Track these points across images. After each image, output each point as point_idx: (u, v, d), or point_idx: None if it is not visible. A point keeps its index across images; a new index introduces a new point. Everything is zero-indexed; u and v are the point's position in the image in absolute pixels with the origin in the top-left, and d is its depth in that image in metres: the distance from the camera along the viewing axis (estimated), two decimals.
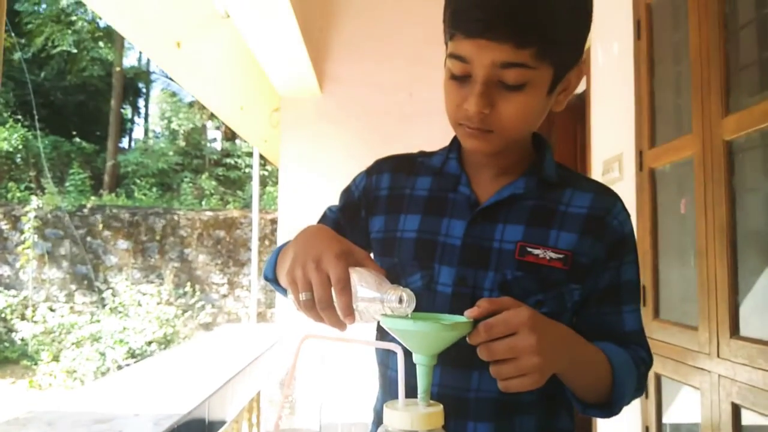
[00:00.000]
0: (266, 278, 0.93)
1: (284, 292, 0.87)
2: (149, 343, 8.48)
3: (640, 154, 2.37)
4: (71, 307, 9.43)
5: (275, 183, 11.48)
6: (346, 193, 1.01)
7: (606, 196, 0.90)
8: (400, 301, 0.64)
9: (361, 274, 0.67)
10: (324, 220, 1.00)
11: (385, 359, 0.93)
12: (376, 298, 0.65)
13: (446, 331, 0.65)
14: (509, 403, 0.84)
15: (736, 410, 1.71)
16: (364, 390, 3.31)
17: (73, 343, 8.54)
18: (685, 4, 2.03)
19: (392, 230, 0.92)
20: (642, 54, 2.37)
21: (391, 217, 0.93)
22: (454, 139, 0.95)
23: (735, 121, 1.74)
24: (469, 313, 0.69)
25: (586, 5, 0.79)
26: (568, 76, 0.83)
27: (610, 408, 0.82)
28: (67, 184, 11.88)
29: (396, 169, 0.98)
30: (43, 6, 14.11)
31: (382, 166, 0.99)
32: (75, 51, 14.15)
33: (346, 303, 0.65)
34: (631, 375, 0.83)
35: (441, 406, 0.64)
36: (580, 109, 3.08)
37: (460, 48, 0.76)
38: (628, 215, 0.91)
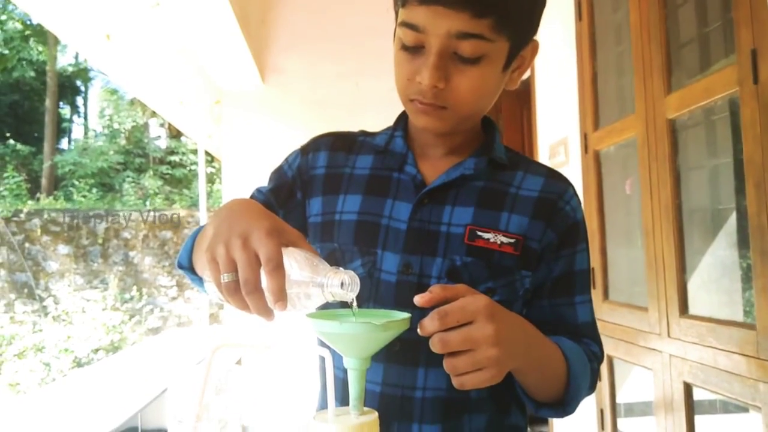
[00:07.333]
0: (180, 266, 0.82)
1: (199, 282, 0.76)
2: (96, 351, 8.19)
3: (584, 137, 2.36)
4: (11, 317, 9.00)
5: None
6: (278, 172, 0.92)
7: (558, 180, 0.85)
8: (342, 285, 0.56)
9: (294, 255, 0.58)
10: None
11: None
12: (314, 282, 0.56)
13: (378, 331, 0.57)
14: (458, 401, 0.78)
15: (687, 389, 1.71)
16: (295, 397, 3.18)
17: (15, 355, 8.16)
18: None
19: (330, 212, 0.85)
20: (584, 36, 2.36)
21: (329, 199, 0.86)
22: (400, 117, 0.89)
23: (677, 99, 1.73)
24: (420, 300, 0.62)
25: None
26: (523, 52, 0.78)
27: (564, 407, 0.77)
28: (1, 188, 11.33)
29: (334, 147, 0.90)
30: None
31: (319, 143, 0.91)
32: (4, 50, 13.47)
33: (278, 285, 0.55)
34: (585, 371, 0.79)
35: (375, 414, 0.57)
36: (525, 94, 3.07)
37: (414, 15, 0.70)
38: (580, 202, 0.87)
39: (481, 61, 0.71)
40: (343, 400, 0.78)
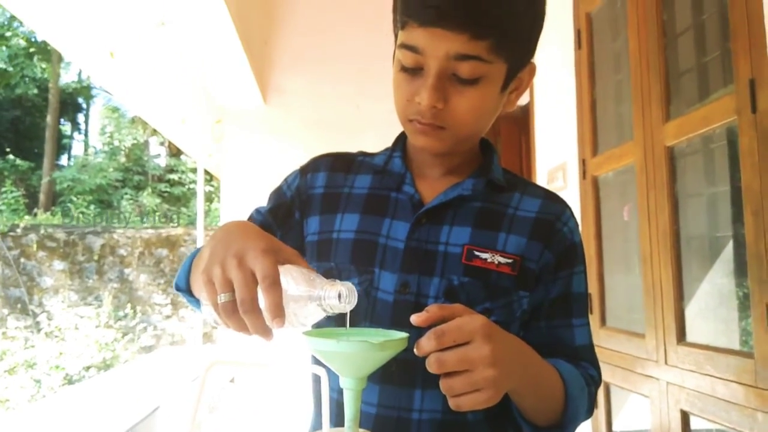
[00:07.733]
0: (177, 289, 0.82)
1: (197, 304, 0.75)
2: (87, 369, 8.09)
3: (583, 163, 2.37)
4: (3, 333, 8.91)
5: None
6: (277, 193, 0.93)
7: (555, 202, 0.86)
8: (340, 296, 0.55)
9: (291, 271, 0.58)
10: (250, 222, 0.91)
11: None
12: (311, 297, 0.56)
13: (375, 351, 0.56)
14: (454, 423, 0.77)
15: (685, 417, 1.70)
16: (288, 417, 3.15)
17: (5, 371, 8.06)
18: (624, 13, 2.04)
19: (328, 231, 0.85)
20: (583, 64, 2.38)
21: (327, 218, 0.86)
22: (399, 138, 0.90)
23: (676, 127, 1.75)
24: (416, 319, 0.62)
25: (541, 2, 0.76)
26: (521, 74, 0.79)
27: (562, 431, 0.76)
28: None
29: (333, 167, 0.91)
30: None
31: (318, 164, 0.92)
32: (8, 66, 13.56)
33: (275, 301, 0.55)
34: (583, 394, 0.78)
35: None
36: (524, 119, 3.09)
37: (413, 37, 0.71)
38: (577, 224, 0.87)
39: (480, 82, 0.72)
40: (337, 421, 0.77)
